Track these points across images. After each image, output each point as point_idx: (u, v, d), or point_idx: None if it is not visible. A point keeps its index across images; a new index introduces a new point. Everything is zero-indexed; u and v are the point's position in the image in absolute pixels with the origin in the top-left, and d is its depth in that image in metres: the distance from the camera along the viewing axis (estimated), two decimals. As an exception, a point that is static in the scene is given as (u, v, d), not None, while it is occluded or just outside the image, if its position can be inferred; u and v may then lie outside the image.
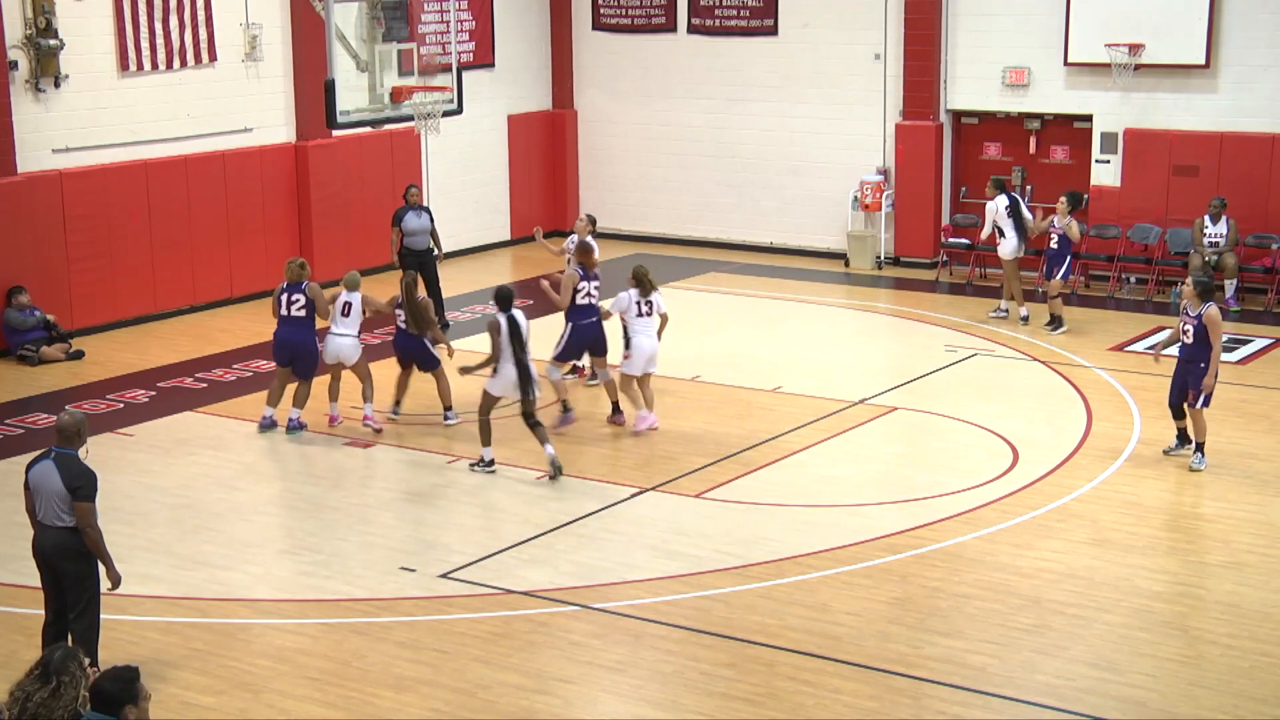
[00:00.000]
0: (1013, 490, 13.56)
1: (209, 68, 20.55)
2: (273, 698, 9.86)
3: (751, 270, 23.02)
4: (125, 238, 19.66)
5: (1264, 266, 20.68)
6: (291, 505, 13.49)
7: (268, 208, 21.37)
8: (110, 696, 7.04)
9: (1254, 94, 20.80)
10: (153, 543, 12.48)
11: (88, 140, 19.28)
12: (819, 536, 12.53)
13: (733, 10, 24.19)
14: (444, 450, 14.80)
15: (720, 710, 9.67)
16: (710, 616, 11.04)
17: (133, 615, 11.08)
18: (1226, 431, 15.13)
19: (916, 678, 10.09)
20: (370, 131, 21.25)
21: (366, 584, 11.68)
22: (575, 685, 10.12)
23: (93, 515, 9.65)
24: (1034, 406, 16.11)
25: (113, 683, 7.08)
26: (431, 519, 13.11)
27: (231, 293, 21.04)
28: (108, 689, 7.06)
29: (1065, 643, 10.56)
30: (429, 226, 19.18)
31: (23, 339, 18.12)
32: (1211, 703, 9.72)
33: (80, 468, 9.68)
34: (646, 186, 25.42)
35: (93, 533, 9.66)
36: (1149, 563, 11.95)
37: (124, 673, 7.15)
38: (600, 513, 13.11)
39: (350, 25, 17.30)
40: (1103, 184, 21.93)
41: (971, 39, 22.54)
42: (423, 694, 9.89)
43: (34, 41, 18.53)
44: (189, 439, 15.34)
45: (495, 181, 24.97)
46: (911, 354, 18.46)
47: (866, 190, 23.20)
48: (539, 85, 25.69)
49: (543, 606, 11.26)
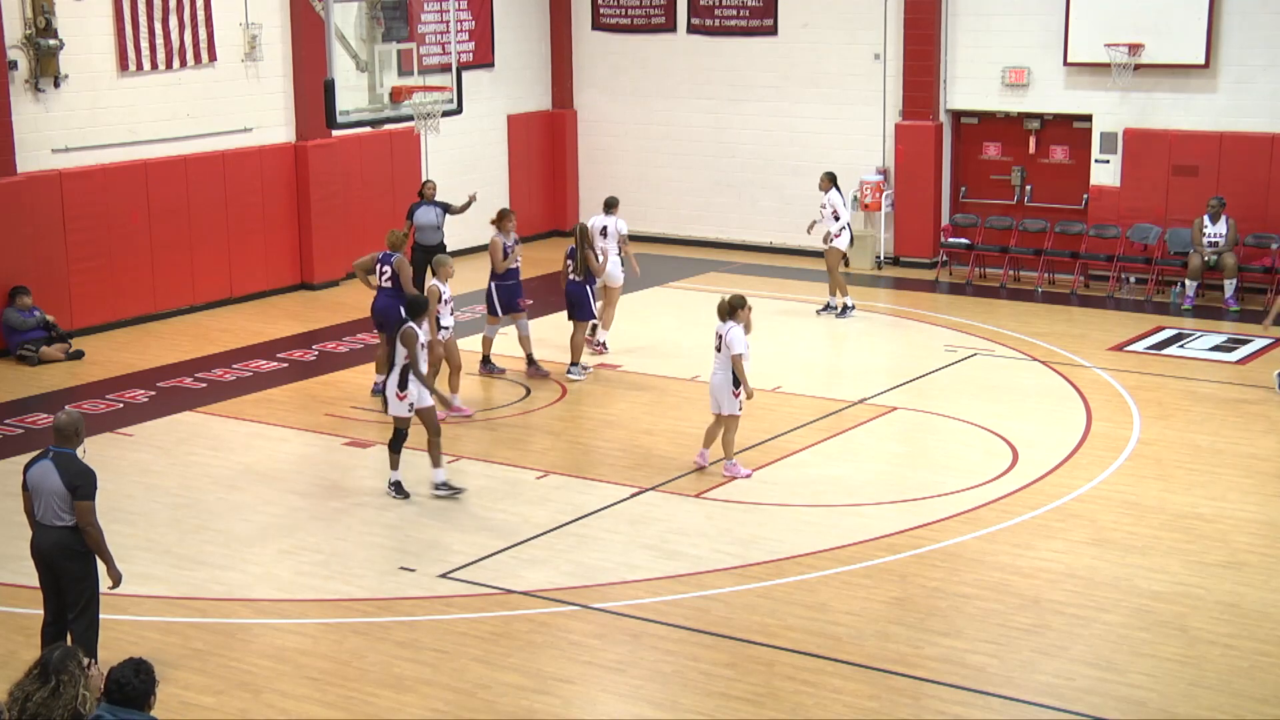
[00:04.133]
0: (1013, 490, 13.56)
1: (209, 68, 20.56)
2: (273, 698, 9.87)
3: (751, 270, 23.02)
4: (125, 238, 19.66)
5: (1264, 266, 20.68)
6: (291, 505, 13.49)
7: (268, 208, 21.37)
8: (138, 691, 7.10)
9: (1253, 94, 20.81)
10: (153, 543, 12.48)
11: (87, 140, 19.28)
12: (819, 536, 12.54)
13: (732, 10, 24.20)
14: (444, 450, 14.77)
15: (720, 710, 9.67)
16: (710, 616, 11.04)
17: (133, 615, 11.08)
18: (1226, 431, 15.15)
19: (916, 678, 10.10)
20: (370, 131, 21.26)
21: (366, 584, 11.68)
22: (575, 685, 10.12)
23: (93, 514, 9.66)
24: (1034, 406, 16.11)
25: (138, 676, 7.14)
26: (431, 519, 13.11)
27: (231, 293, 21.04)
28: (135, 684, 7.11)
29: (1065, 642, 10.57)
30: (439, 221, 19.29)
31: (22, 339, 18.13)
32: (1211, 702, 9.72)
33: (79, 467, 9.68)
34: (646, 186, 25.42)
35: (93, 531, 9.66)
36: (1148, 562, 11.95)
37: (144, 665, 7.20)
38: (600, 513, 13.12)
39: (350, 25, 17.30)
40: (1102, 184, 21.93)
41: (971, 39, 22.54)
42: (422, 694, 9.89)
43: (34, 41, 18.54)
44: (189, 439, 15.34)
45: (495, 181, 24.96)
46: (911, 354, 18.46)
47: (866, 190, 23.20)
48: (539, 85, 25.69)
49: (543, 606, 11.26)
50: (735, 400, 13.82)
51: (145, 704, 7.15)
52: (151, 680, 7.21)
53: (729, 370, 13.75)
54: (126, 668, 7.19)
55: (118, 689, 7.13)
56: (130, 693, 7.12)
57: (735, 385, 13.77)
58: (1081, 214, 22.19)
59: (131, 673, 7.16)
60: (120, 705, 7.11)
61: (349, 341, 18.98)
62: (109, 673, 7.22)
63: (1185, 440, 14.91)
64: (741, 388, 13.75)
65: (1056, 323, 19.81)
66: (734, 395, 13.80)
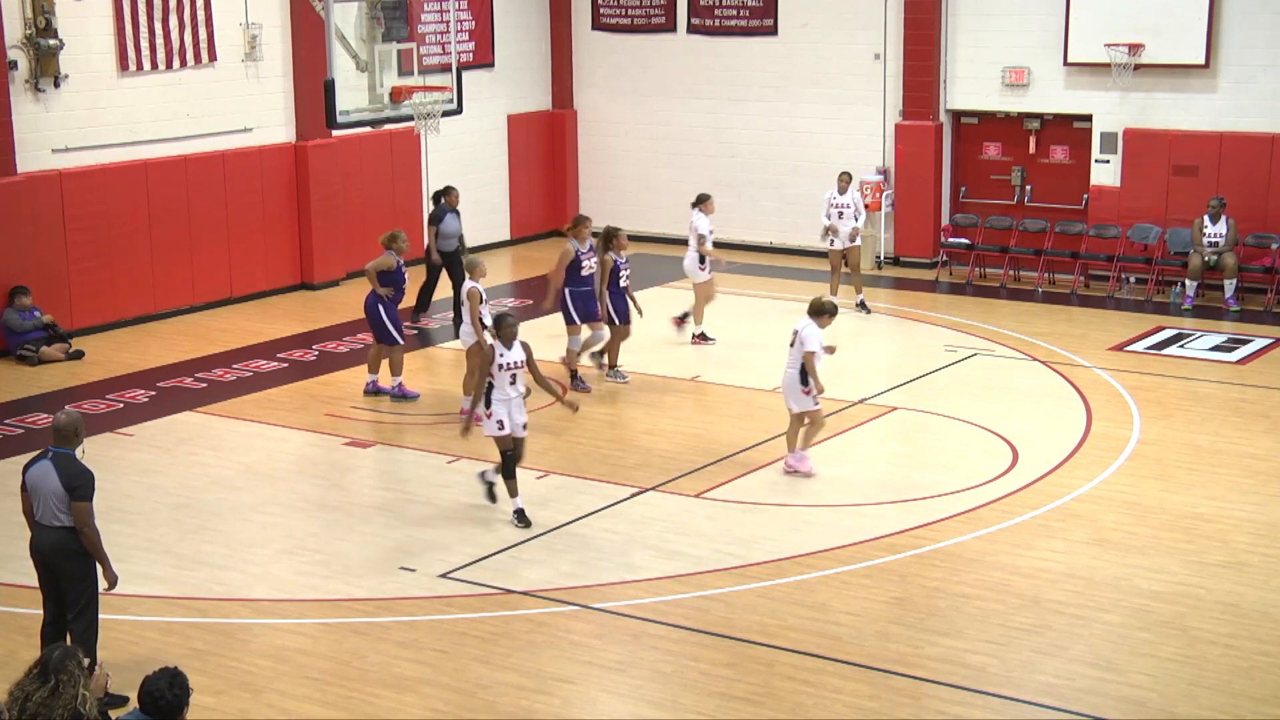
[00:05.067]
0: (1013, 490, 13.56)
1: (209, 68, 20.55)
2: (273, 698, 9.87)
3: (752, 270, 23.02)
4: (125, 238, 19.66)
5: (1264, 266, 20.68)
6: (291, 505, 13.49)
7: (267, 208, 21.37)
8: (171, 703, 7.09)
9: (1253, 94, 20.81)
10: (153, 543, 12.48)
11: (87, 140, 19.28)
12: (819, 536, 12.54)
13: (732, 10, 24.20)
14: (444, 450, 14.80)
15: (720, 710, 9.67)
16: (710, 616, 11.04)
17: (133, 615, 11.09)
18: (1226, 431, 15.15)
19: (916, 678, 10.10)
20: (370, 131, 21.26)
21: (366, 584, 11.68)
22: (575, 685, 10.12)
23: (90, 515, 9.64)
24: (1034, 406, 16.11)
25: (172, 689, 7.12)
26: (431, 519, 13.11)
27: (231, 293, 21.04)
28: (169, 696, 7.09)
29: (1065, 642, 10.57)
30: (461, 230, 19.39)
31: (22, 339, 18.13)
32: (1211, 702, 9.72)
33: (78, 467, 9.67)
34: (646, 186, 25.42)
35: (90, 533, 9.65)
36: (1148, 562, 11.95)
37: (179, 677, 7.18)
38: (600, 513, 13.12)
39: (350, 25, 17.31)
40: (1102, 184, 21.93)
41: (971, 39, 22.54)
42: (422, 694, 9.89)
43: (34, 41, 18.54)
44: (189, 439, 15.34)
45: (495, 181, 24.97)
46: (911, 354, 18.47)
47: (866, 190, 23.19)
48: (539, 85, 25.69)
49: (543, 606, 11.26)
50: (806, 397, 13.78)
51: (179, 716, 7.12)
52: (186, 691, 7.17)
53: (799, 367, 13.75)
54: (161, 679, 7.13)
55: (151, 701, 7.09)
56: (164, 705, 7.08)
57: (805, 383, 13.74)
58: (1081, 214, 22.19)
59: (166, 685, 7.11)
60: (153, 717, 7.09)
61: (349, 341, 18.98)
62: (143, 683, 7.18)
63: (1185, 440, 14.91)
64: (812, 384, 13.71)
65: (1057, 323, 19.81)
66: (804, 393, 13.77)
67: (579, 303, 16.59)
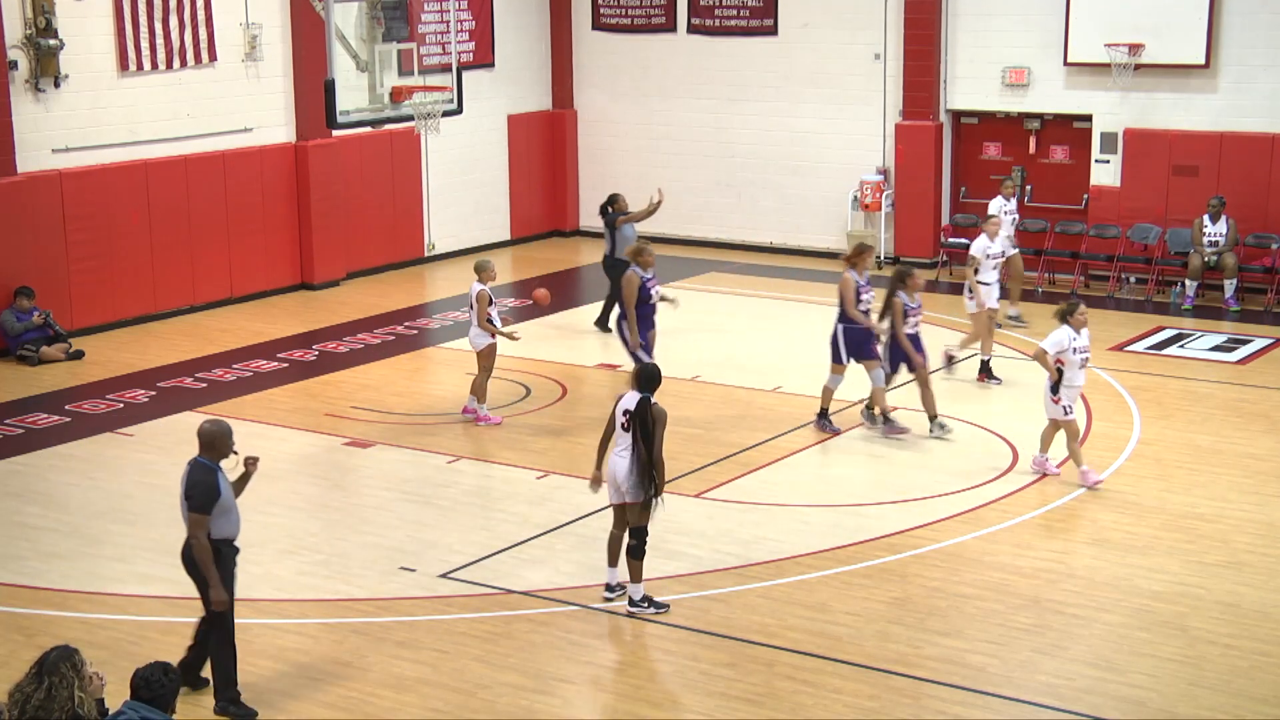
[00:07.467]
0: (1013, 490, 13.57)
1: (209, 68, 20.55)
2: (273, 698, 9.86)
3: (751, 270, 23.02)
4: (125, 238, 19.66)
5: (1264, 266, 20.68)
6: (291, 505, 13.48)
7: (268, 208, 21.37)
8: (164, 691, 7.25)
9: (1253, 94, 20.81)
10: (153, 543, 12.47)
11: (87, 140, 19.28)
12: (819, 536, 12.54)
13: (732, 10, 24.20)
14: (444, 450, 14.80)
15: (719, 710, 9.68)
16: (710, 616, 11.04)
17: (133, 615, 11.09)
18: (1226, 431, 15.15)
19: (916, 678, 10.10)
20: (370, 131, 21.25)
21: (366, 584, 11.68)
22: (575, 685, 10.13)
23: (199, 526, 9.27)
24: (1034, 406, 16.06)
25: (167, 676, 7.30)
26: (431, 519, 13.10)
27: (231, 293, 21.04)
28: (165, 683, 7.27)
29: (1065, 642, 10.57)
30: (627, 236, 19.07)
31: (20, 340, 18.12)
32: (1211, 703, 9.73)
33: (197, 476, 9.41)
34: (646, 186, 25.29)
35: (197, 544, 9.30)
36: (1148, 563, 11.95)
37: (172, 668, 7.39)
38: (600, 513, 13.11)
39: (350, 25, 17.31)
40: (1102, 184, 21.93)
41: (971, 39, 22.54)
42: (422, 694, 9.89)
43: (34, 41, 18.54)
44: (189, 439, 15.25)
45: (495, 181, 24.97)
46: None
47: (866, 190, 23.20)
48: (539, 85, 25.69)
49: (543, 606, 11.26)
50: (1056, 406, 13.57)
51: (169, 706, 7.27)
52: (177, 682, 7.39)
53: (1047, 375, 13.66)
54: (156, 668, 7.31)
55: (145, 687, 7.26)
56: (158, 691, 7.26)
57: (1054, 391, 13.55)
58: (1081, 214, 22.19)
59: (161, 673, 7.30)
60: (146, 704, 7.19)
61: (349, 341, 18.98)
62: (135, 673, 7.34)
63: (1185, 440, 14.92)
64: (1061, 393, 13.52)
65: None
66: (1054, 401, 13.59)
67: (851, 338, 15.12)
